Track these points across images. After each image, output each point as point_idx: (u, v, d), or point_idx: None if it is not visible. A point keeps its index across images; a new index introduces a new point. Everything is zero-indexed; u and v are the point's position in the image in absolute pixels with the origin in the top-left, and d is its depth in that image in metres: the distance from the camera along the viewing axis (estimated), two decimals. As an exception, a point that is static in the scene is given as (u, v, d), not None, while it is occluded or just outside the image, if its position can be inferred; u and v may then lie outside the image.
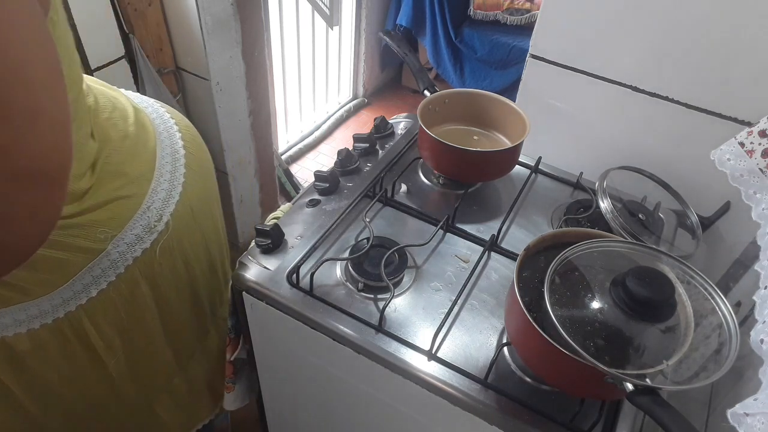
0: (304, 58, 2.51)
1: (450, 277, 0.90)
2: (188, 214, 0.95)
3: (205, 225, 1.02)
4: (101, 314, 0.86)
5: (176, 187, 0.91)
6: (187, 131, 1.01)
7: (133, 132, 0.89)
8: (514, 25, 2.70)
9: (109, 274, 0.83)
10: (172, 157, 0.93)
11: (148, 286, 0.91)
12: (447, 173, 1.06)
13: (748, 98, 1.01)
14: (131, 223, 0.84)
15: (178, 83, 1.67)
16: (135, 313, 0.92)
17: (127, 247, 0.83)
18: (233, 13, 1.56)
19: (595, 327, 0.66)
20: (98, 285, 0.82)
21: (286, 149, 2.66)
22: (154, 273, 0.90)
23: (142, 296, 0.91)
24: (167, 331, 1.02)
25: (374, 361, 0.79)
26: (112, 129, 0.86)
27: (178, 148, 0.96)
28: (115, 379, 0.98)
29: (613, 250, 0.75)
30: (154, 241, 0.87)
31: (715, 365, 0.64)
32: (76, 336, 0.86)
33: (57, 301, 0.80)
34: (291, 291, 0.85)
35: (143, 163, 0.89)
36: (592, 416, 0.73)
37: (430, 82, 1.13)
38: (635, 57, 1.09)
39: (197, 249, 1.01)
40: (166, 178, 0.90)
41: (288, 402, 1.10)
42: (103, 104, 0.87)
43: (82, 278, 0.80)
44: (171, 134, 0.97)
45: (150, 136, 0.93)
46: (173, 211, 0.90)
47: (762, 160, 0.84)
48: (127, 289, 0.87)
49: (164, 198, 0.89)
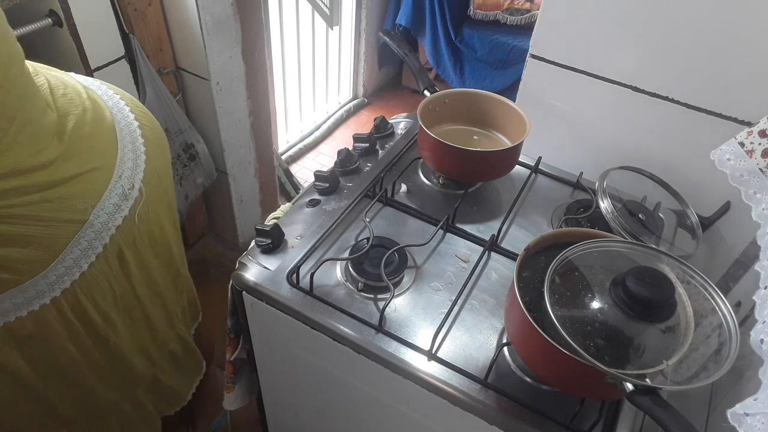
0: (304, 58, 2.51)
1: (450, 277, 0.90)
2: (155, 179, 0.99)
3: (168, 188, 1.07)
4: (95, 288, 0.89)
5: (140, 155, 0.95)
6: (134, 104, 1.05)
7: (89, 106, 0.92)
8: (514, 25, 2.70)
9: (95, 246, 0.86)
10: (128, 129, 0.97)
11: (131, 253, 0.94)
12: (447, 173, 1.06)
13: (748, 98, 1.01)
14: (107, 192, 0.87)
15: (178, 83, 1.67)
16: (125, 284, 0.96)
17: (108, 217, 0.87)
18: (233, 13, 1.56)
19: (595, 327, 0.66)
20: (87, 258, 0.85)
21: (286, 149, 2.66)
22: (135, 240, 0.94)
23: (128, 265, 0.94)
24: (156, 297, 1.06)
25: (374, 361, 0.79)
26: (70, 104, 0.89)
27: (131, 121, 0.99)
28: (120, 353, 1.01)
29: (613, 250, 0.75)
30: (131, 207, 0.91)
31: (715, 365, 0.64)
32: (76, 314, 0.89)
33: (51, 278, 0.82)
34: (291, 291, 0.85)
35: (106, 135, 0.92)
36: (592, 416, 0.73)
37: (430, 82, 1.13)
38: (635, 57, 1.09)
39: (169, 212, 1.06)
40: (129, 149, 0.94)
41: (288, 402, 1.10)
42: (55, 84, 0.90)
43: (71, 251, 0.83)
44: (120, 108, 1.00)
45: (104, 111, 0.96)
46: (143, 179, 0.94)
47: (762, 160, 0.84)
48: (116, 258, 0.91)
49: (132, 167, 0.93)
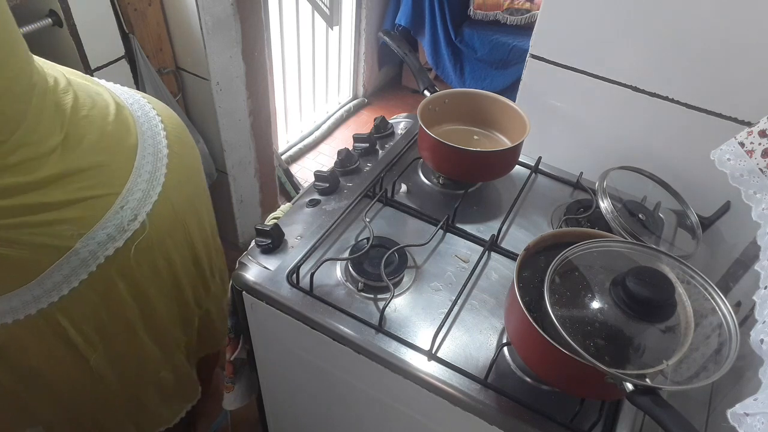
0: (304, 58, 2.51)
1: (450, 277, 0.90)
2: (169, 213, 0.95)
3: (189, 223, 1.02)
4: (77, 312, 0.87)
5: (155, 186, 0.91)
6: (173, 130, 1.01)
7: (111, 130, 0.88)
8: (514, 25, 2.70)
9: (80, 273, 0.83)
10: (153, 156, 0.93)
11: (125, 283, 0.91)
12: (447, 173, 1.06)
13: (748, 98, 1.01)
14: (102, 222, 0.83)
15: (178, 83, 1.67)
16: (114, 311, 0.92)
17: (98, 246, 0.83)
18: (233, 13, 1.56)
19: (595, 327, 0.66)
20: (70, 283, 0.82)
21: (286, 149, 2.66)
22: (131, 271, 0.90)
23: (120, 294, 0.91)
24: (150, 327, 1.02)
25: (374, 361, 0.79)
26: (89, 126, 0.86)
27: (161, 147, 0.95)
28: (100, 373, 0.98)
29: (613, 250, 0.75)
30: (129, 239, 0.87)
31: (715, 365, 0.64)
32: (54, 332, 0.86)
33: (27, 297, 0.80)
34: (291, 291, 0.85)
35: (121, 162, 0.88)
36: (592, 416, 0.73)
37: (430, 82, 1.13)
38: (635, 57, 1.09)
39: (180, 246, 1.01)
40: (144, 178, 0.90)
41: (288, 402, 1.10)
42: (83, 101, 0.87)
43: (51, 276, 0.80)
44: (155, 133, 0.96)
45: (131, 134, 0.92)
46: (151, 211, 0.90)
47: (762, 160, 0.84)
48: (103, 286, 0.87)
49: (141, 198, 0.89)
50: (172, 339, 1.12)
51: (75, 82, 0.90)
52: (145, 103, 1.01)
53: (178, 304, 1.08)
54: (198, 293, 1.15)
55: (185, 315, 1.13)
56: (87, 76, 0.99)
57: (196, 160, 1.09)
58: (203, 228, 1.11)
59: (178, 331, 1.13)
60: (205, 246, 1.12)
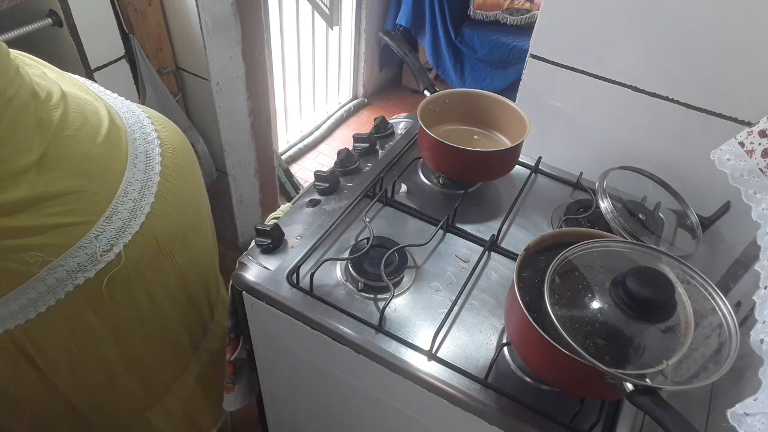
0: (304, 58, 2.51)
1: (450, 277, 0.90)
2: (152, 245, 0.88)
3: (178, 256, 0.95)
4: (43, 338, 0.83)
5: (138, 216, 0.85)
6: (172, 156, 0.95)
7: (97, 152, 0.83)
8: (514, 25, 2.70)
9: (47, 299, 0.78)
10: (141, 184, 0.87)
11: (97, 315, 0.86)
12: (447, 173, 1.06)
13: (748, 98, 1.01)
14: (72, 251, 0.78)
15: (178, 83, 1.67)
16: (84, 341, 0.87)
17: (68, 275, 0.78)
18: (233, 13, 1.56)
19: (595, 327, 0.66)
20: (36, 308, 0.78)
21: (286, 149, 2.66)
22: (104, 303, 0.85)
23: (91, 325, 0.86)
24: (130, 363, 0.97)
25: (374, 361, 0.79)
26: (72, 147, 0.80)
27: (153, 174, 0.89)
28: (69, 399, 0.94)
29: (613, 250, 0.75)
30: (101, 271, 0.81)
31: (715, 365, 0.64)
32: (21, 354, 0.83)
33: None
34: (291, 291, 0.85)
35: (101, 188, 0.82)
36: (592, 416, 0.73)
37: (430, 82, 1.13)
38: (635, 57, 1.09)
39: (167, 280, 0.94)
40: (127, 206, 0.84)
41: (288, 402, 1.10)
42: (72, 119, 0.82)
43: (16, 299, 0.76)
44: (149, 158, 0.90)
45: (120, 158, 0.86)
46: (129, 242, 0.83)
47: (762, 160, 0.84)
48: (71, 315, 0.82)
49: (120, 227, 0.83)
50: (159, 380, 1.07)
51: (73, 96, 0.86)
52: (147, 125, 0.95)
53: (165, 344, 1.02)
54: (194, 333, 1.09)
55: (176, 356, 1.07)
56: (91, 88, 0.95)
57: (196, 191, 1.03)
58: (198, 261, 1.03)
59: (167, 373, 1.08)
60: (202, 281, 1.06)
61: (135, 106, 1.00)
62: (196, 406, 1.19)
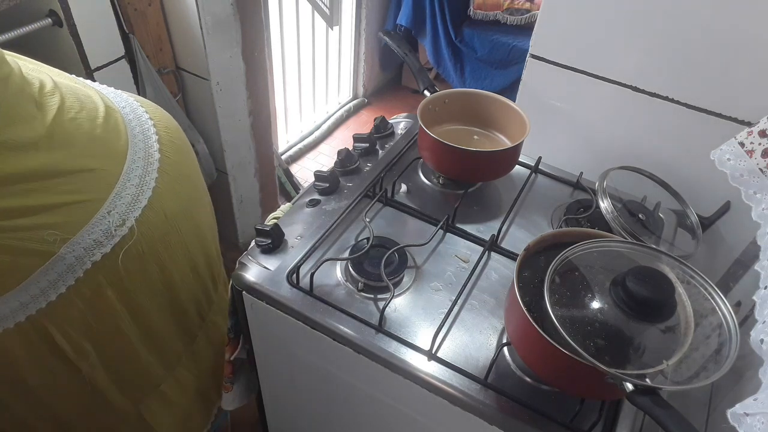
0: (304, 58, 2.51)
1: (450, 277, 0.90)
2: (161, 218, 0.92)
3: (184, 230, 0.99)
4: (65, 319, 0.84)
5: (145, 191, 0.89)
6: (167, 135, 0.98)
7: (100, 134, 0.86)
8: (514, 25, 2.70)
9: (67, 278, 0.80)
10: (144, 161, 0.91)
11: (114, 291, 0.88)
12: (447, 173, 1.06)
13: (748, 98, 1.01)
14: (88, 227, 0.81)
15: (178, 83, 1.67)
16: (104, 319, 0.89)
17: (85, 252, 0.81)
18: (233, 13, 1.56)
19: (595, 327, 0.66)
20: (57, 289, 0.80)
21: (286, 149, 2.66)
22: (121, 278, 0.87)
23: (110, 301, 0.88)
24: (146, 336, 0.99)
25: (374, 361, 0.79)
26: (76, 130, 0.84)
27: (153, 152, 0.93)
28: (92, 382, 0.96)
29: (613, 250, 0.75)
30: (116, 245, 0.84)
31: (715, 365, 0.64)
32: (43, 341, 0.84)
33: (14, 305, 0.78)
34: (291, 291, 0.85)
35: (109, 166, 0.86)
36: (592, 416, 0.73)
37: (430, 82, 1.13)
38: (635, 57, 1.09)
39: (175, 253, 0.98)
40: (133, 182, 0.88)
41: (288, 402, 1.10)
42: (70, 104, 0.85)
43: (37, 282, 0.78)
44: (146, 137, 0.94)
45: (121, 138, 0.90)
46: (140, 216, 0.87)
47: (762, 160, 0.84)
48: (91, 293, 0.85)
49: (129, 202, 0.86)
50: (171, 351, 1.09)
51: (63, 84, 0.88)
52: (137, 107, 0.99)
53: (175, 316, 1.05)
54: (200, 305, 1.13)
55: (186, 327, 1.11)
56: (77, 79, 0.97)
57: (193, 166, 1.06)
58: (202, 236, 1.08)
59: (178, 344, 1.11)
60: (204, 255, 1.10)
61: (120, 91, 1.02)
62: (206, 376, 1.22)
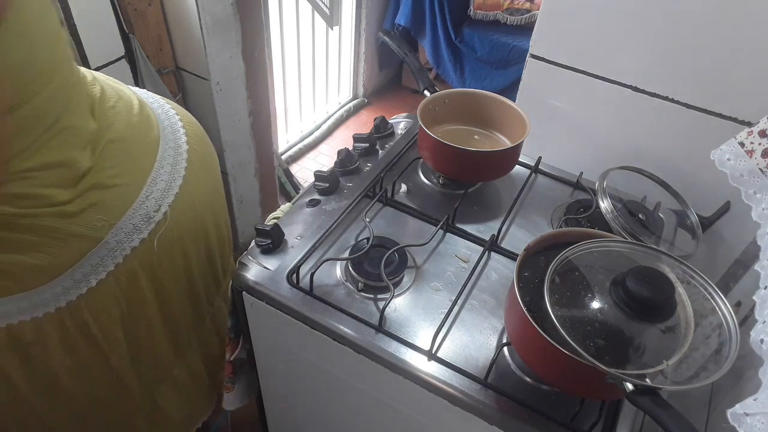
0: (304, 58, 2.51)
1: (450, 277, 0.90)
2: (189, 207, 0.95)
3: (206, 219, 1.03)
4: (101, 306, 0.87)
5: (176, 179, 0.92)
6: (191, 127, 1.02)
7: (136, 122, 0.90)
8: (514, 25, 2.70)
9: (107, 264, 0.83)
10: (174, 151, 0.94)
11: (147, 277, 0.91)
12: (447, 173, 1.06)
13: (748, 98, 1.01)
14: (130, 211, 0.84)
15: (178, 83, 1.67)
16: (135, 305, 0.92)
17: (125, 236, 0.84)
18: (233, 13, 1.56)
19: (595, 327, 0.66)
20: (97, 274, 0.82)
21: (286, 149, 2.66)
22: (152, 264, 0.90)
23: (141, 288, 0.91)
24: (166, 321, 1.02)
25: (374, 361, 0.79)
26: (115, 117, 0.87)
27: (181, 143, 0.96)
28: (117, 371, 0.98)
29: (613, 250, 0.75)
30: (152, 231, 0.87)
31: (715, 365, 0.64)
32: (77, 327, 0.86)
33: (58, 289, 0.80)
34: (291, 291, 0.85)
35: (145, 153, 0.90)
36: (592, 416, 0.73)
37: (430, 82, 1.13)
38: (635, 57, 1.09)
39: (197, 242, 1.01)
40: (166, 170, 0.91)
41: (288, 402, 1.10)
42: (109, 94, 0.89)
43: (81, 266, 0.80)
44: (175, 129, 0.98)
45: (153, 128, 0.93)
46: (172, 203, 0.90)
47: (762, 160, 0.84)
48: (126, 280, 0.87)
49: (163, 189, 0.90)
50: (185, 336, 1.12)
51: (99, 76, 0.92)
52: (163, 102, 1.03)
53: (191, 301, 1.08)
54: (210, 290, 1.16)
55: (198, 312, 1.13)
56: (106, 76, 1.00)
57: (215, 159, 1.10)
58: (219, 227, 1.11)
59: (190, 329, 1.14)
60: (219, 245, 1.13)
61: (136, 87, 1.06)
62: (214, 360, 1.24)
